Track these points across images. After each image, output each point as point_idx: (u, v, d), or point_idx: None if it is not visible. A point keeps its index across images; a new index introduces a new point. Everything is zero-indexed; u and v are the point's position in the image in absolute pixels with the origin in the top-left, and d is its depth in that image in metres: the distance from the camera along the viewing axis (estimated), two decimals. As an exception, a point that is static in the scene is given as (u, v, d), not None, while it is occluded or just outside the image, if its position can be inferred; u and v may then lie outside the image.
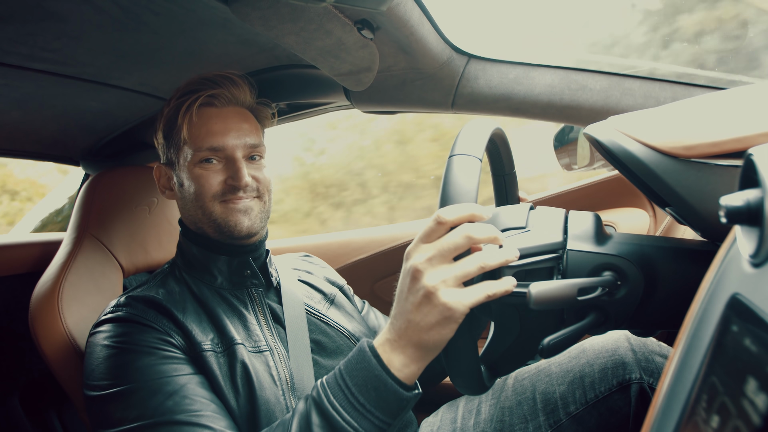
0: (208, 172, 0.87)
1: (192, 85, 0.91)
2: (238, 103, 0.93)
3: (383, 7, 0.71)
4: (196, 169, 0.88)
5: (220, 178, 0.87)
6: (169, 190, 0.95)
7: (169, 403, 0.70)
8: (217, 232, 0.89)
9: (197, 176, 0.87)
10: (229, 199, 0.87)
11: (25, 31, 0.79)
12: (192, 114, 0.88)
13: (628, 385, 0.74)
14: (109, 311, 0.82)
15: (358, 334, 0.97)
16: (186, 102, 0.89)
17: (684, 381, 0.31)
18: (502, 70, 0.94)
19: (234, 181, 0.87)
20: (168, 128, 0.91)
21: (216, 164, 0.88)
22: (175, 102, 0.90)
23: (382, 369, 0.59)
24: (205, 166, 0.87)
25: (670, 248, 0.56)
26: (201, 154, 0.87)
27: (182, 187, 0.91)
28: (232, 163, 0.88)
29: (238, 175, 0.86)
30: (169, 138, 0.92)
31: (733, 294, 0.30)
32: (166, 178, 0.95)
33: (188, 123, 0.88)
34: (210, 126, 0.88)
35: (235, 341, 0.81)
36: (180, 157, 0.90)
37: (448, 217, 0.54)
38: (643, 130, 0.53)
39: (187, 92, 0.90)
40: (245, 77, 0.94)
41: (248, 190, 0.88)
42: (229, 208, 0.87)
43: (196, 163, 0.88)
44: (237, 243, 0.90)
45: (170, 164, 0.93)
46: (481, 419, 0.86)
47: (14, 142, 1.25)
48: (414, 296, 0.55)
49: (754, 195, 0.30)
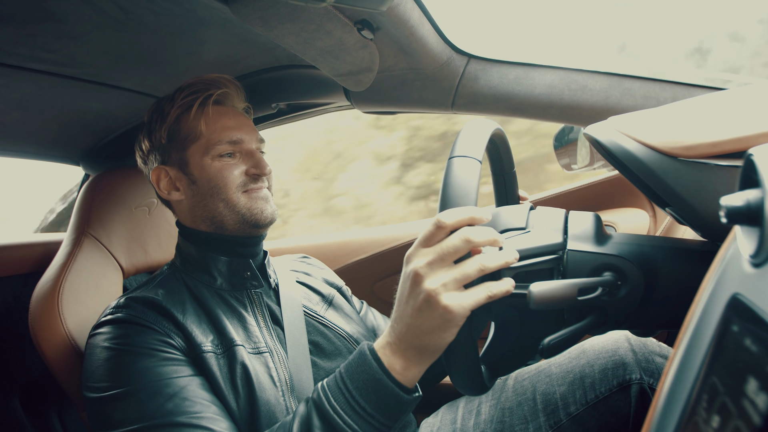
0: (228, 165, 0.89)
1: (197, 86, 0.92)
2: (236, 104, 0.97)
3: (383, 8, 0.71)
4: (215, 163, 0.89)
5: (241, 168, 0.90)
6: (174, 191, 0.93)
7: (170, 405, 0.70)
8: (239, 223, 0.90)
9: (218, 169, 0.89)
10: (251, 188, 0.90)
11: (25, 31, 0.79)
12: (208, 110, 0.90)
13: (628, 385, 0.73)
14: (109, 313, 0.82)
15: (356, 336, 0.97)
16: (198, 99, 0.90)
17: (684, 381, 0.31)
18: (502, 71, 0.94)
19: (257, 169, 0.90)
20: (174, 127, 0.91)
21: (233, 158, 0.90)
22: (182, 101, 0.91)
23: (383, 372, 0.59)
24: (225, 159, 0.89)
25: (670, 248, 0.56)
26: (221, 148, 0.89)
27: (195, 184, 0.90)
28: (250, 154, 0.91)
29: (261, 163, 0.90)
30: (174, 137, 0.91)
31: (734, 294, 0.30)
32: (169, 180, 0.93)
33: (205, 118, 0.90)
34: (224, 122, 0.91)
35: (235, 342, 0.81)
36: (190, 153, 0.90)
37: (448, 221, 0.54)
38: (643, 130, 0.53)
39: (194, 92, 0.91)
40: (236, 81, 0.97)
41: (266, 180, 0.93)
42: (252, 197, 0.90)
43: (213, 157, 0.89)
44: (254, 233, 0.92)
45: (175, 163, 0.92)
46: (481, 420, 0.86)
47: (14, 143, 1.25)
48: (415, 300, 0.55)
49: (754, 195, 0.30)
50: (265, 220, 0.90)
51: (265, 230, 0.93)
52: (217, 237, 0.91)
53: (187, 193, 0.92)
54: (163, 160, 0.93)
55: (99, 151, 1.32)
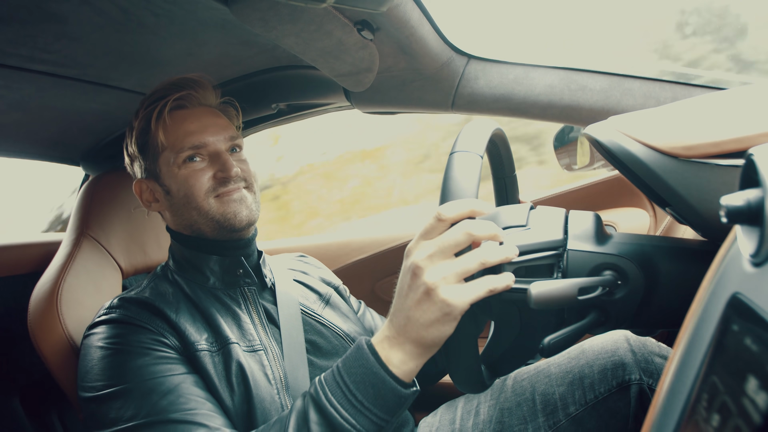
0: (195, 171, 0.87)
1: (158, 93, 0.90)
2: (206, 103, 0.93)
3: (383, 8, 0.71)
4: (182, 171, 0.87)
5: (208, 173, 0.87)
6: (155, 202, 0.93)
7: (164, 403, 0.70)
8: (216, 229, 0.88)
9: (185, 177, 0.86)
10: (221, 192, 0.87)
11: (25, 32, 0.79)
12: (164, 118, 0.87)
13: (627, 386, 0.73)
14: (103, 313, 0.82)
15: (353, 335, 0.97)
16: (156, 108, 0.88)
17: (684, 380, 0.31)
18: (502, 71, 0.94)
19: (223, 172, 0.86)
20: (142, 140, 0.90)
21: (200, 162, 0.87)
22: (144, 112, 0.89)
23: (380, 366, 0.58)
24: (190, 165, 0.87)
25: (670, 248, 0.56)
26: (184, 154, 0.86)
27: (170, 194, 0.89)
28: (216, 156, 0.87)
29: (226, 165, 0.86)
30: (144, 149, 0.90)
31: (734, 293, 0.30)
32: (149, 192, 0.92)
33: (163, 128, 0.87)
34: (186, 126, 0.88)
35: (229, 340, 0.81)
36: (161, 165, 0.88)
37: (448, 214, 0.54)
38: (644, 130, 0.53)
39: (154, 100, 0.89)
40: (206, 77, 0.94)
41: (238, 180, 0.88)
42: (224, 201, 0.87)
43: (180, 165, 0.87)
44: (235, 237, 0.90)
45: (151, 176, 0.91)
46: (480, 420, 0.86)
47: (15, 143, 1.25)
48: (414, 293, 0.55)
49: (754, 195, 0.30)
50: (241, 223, 0.88)
51: (245, 232, 0.91)
52: (202, 240, 0.90)
53: (165, 204, 0.91)
54: (140, 172, 0.93)
55: (99, 151, 1.32)
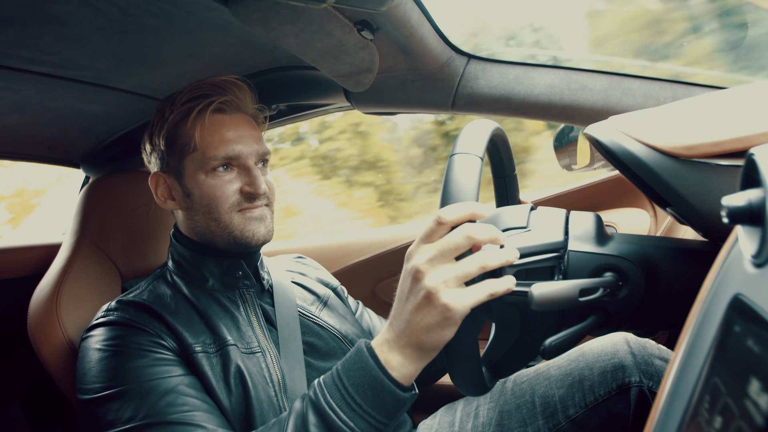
0: (222, 182, 0.84)
1: (199, 90, 0.87)
2: (243, 110, 0.91)
3: (383, 8, 0.71)
4: (209, 179, 0.84)
5: (236, 185, 0.85)
6: (170, 200, 0.90)
7: (162, 404, 0.70)
8: (230, 243, 0.86)
9: (212, 186, 0.84)
10: (245, 208, 0.86)
11: (25, 34, 0.79)
12: (205, 120, 0.85)
13: (627, 388, 0.73)
14: (101, 316, 0.82)
15: (351, 336, 0.97)
16: (196, 107, 0.85)
17: (686, 382, 0.31)
18: (502, 71, 0.94)
19: (251, 187, 0.85)
20: (173, 133, 0.87)
21: (230, 173, 0.85)
22: (182, 107, 0.86)
23: (379, 369, 0.58)
24: (218, 174, 0.84)
25: (671, 248, 0.55)
26: (214, 163, 0.84)
27: (190, 197, 0.86)
28: (247, 171, 0.86)
29: (256, 183, 0.85)
30: (172, 144, 0.87)
31: (735, 294, 0.30)
32: (166, 188, 0.90)
33: (200, 129, 0.84)
34: (222, 133, 0.85)
35: (227, 342, 0.81)
36: (186, 164, 0.86)
37: (449, 217, 0.53)
38: (644, 130, 0.52)
39: (195, 97, 0.86)
40: (247, 82, 0.92)
41: (263, 198, 0.87)
42: (246, 217, 0.85)
43: (208, 171, 0.84)
44: (245, 251, 0.89)
45: (172, 172, 0.88)
46: (479, 422, 0.85)
47: (15, 145, 1.25)
48: (415, 297, 0.55)
49: (755, 195, 0.29)
50: (257, 242, 0.87)
51: (256, 249, 0.90)
52: (207, 248, 0.90)
53: (182, 204, 0.89)
54: (161, 165, 0.90)
55: (99, 153, 1.32)
